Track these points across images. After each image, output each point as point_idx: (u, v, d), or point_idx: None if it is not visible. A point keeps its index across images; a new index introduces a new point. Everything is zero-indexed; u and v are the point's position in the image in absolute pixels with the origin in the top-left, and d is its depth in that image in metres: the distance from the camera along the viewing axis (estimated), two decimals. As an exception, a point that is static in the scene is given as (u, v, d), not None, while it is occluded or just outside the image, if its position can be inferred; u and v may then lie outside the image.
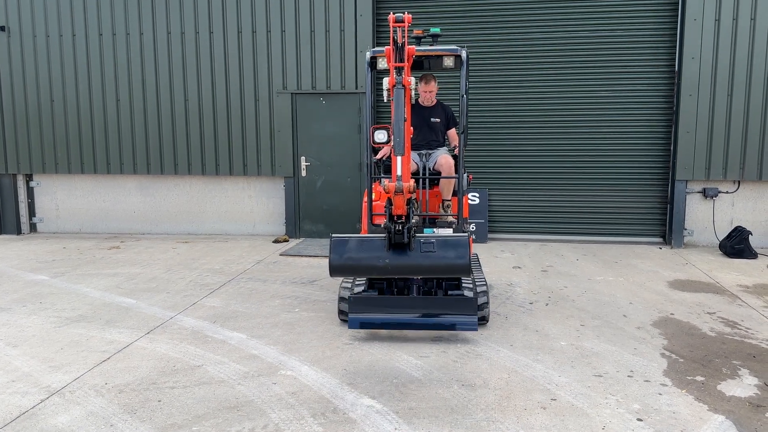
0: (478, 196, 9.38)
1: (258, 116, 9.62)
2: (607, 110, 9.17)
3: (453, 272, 4.55)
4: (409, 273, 4.55)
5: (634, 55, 9.02)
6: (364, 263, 4.41)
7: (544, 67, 9.19)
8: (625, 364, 4.56)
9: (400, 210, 4.38)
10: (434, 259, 4.40)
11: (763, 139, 8.60)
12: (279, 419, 3.71)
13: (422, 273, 4.63)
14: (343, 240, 4.50)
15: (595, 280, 7.09)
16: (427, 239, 4.39)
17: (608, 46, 9.05)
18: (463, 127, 5.58)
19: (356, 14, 9.19)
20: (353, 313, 4.93)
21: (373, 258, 4.37)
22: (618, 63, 9.07)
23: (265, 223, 10.10)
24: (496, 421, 3.69)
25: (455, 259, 4.39)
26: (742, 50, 8.51)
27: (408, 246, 4.42)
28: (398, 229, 4.35)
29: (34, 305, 6.14)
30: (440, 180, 5.89)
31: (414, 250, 4.42)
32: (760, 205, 8.95)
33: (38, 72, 10.00)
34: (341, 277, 4.75)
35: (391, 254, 4.41)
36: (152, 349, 4.90)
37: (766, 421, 3.69)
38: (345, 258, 4.39)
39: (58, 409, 3.87)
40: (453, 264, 4.43)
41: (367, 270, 4.53)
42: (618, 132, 9.19)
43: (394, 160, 4.43)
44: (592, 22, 9.03)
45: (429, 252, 4.34)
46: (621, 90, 9.11)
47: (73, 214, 10.52)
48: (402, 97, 4.46)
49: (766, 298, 6.31)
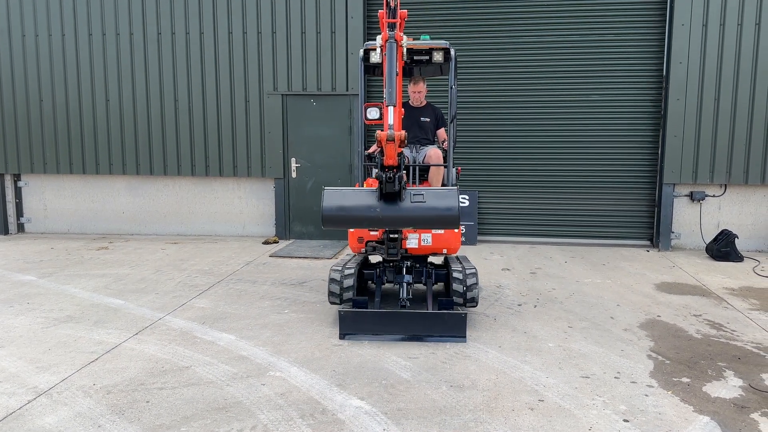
0: (467, 199, 9.42)
1: (248, 117, 9.61)
2: (595, 114, 9.24)
3: (443, 223, 4.52)
4: (401, 224, 4.51)
5: (622, 59, 9.10)
6: (357, 213, 4.35)
7: (535, 71, 9.25)
8: (612, 366, 4.60)
9: (391, 160, 4.35)
10: (424, 210, 4.36)
11: (749, 143, 8.70)
12: (268, 420, 3.72)
13: (413, 224, 4.60)
14: (336, 190, 4.45)
15: (583, 282, 7.14)
16: (418, 190, 4.36)
17: (597, 50, 9.12)
18: (452, 117, 5.75)
19: (347, 16, 9.21)
20: (343, 330, 5.07)
21: (365, 208, 4.32)
22: (607, 67, 9.14)
23: (254, 224, 10.08)
24: (484, 421, 3.71)
25: (444, 210, 4.36)
26: (728, 55, 8.60)
27: (399, 196, 4.39)
28: (389, 176, 4.32)
29: (21, 306, 6.10)
30: (429, 171, 6.04)
31: (405, 200, 4.39)
32: (746, 209, 9.04)
33: (27, 71, 9.94)
34: (334, 228, 4.73)
35: (383, 204, 4.36)
36: (141, 350, 4.88)
37: (751, 422, 3.73)
38: (337, 208, 4.33)
39: (46, 410, 3.85)
40: (443, 215, 4.39)
41: (359, 221, 4.47)
42: (607, 136, 9.26)
43: (386, 110, 4.45)
44: (581, 27, 9.09)
45: (419, 203, 4.31)
46: (610, 94, 9.18)
47: (62, 215, 10.46)
48: (394, 51, 4.61)
49: (751, 300, 6.38)
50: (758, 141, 8.68)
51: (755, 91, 8.60)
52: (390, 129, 4.32)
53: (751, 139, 8.70)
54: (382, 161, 4.40)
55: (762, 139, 8.66)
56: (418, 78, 6.34)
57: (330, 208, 4.30)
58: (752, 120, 8.66)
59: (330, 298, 5.54)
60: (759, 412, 3.86)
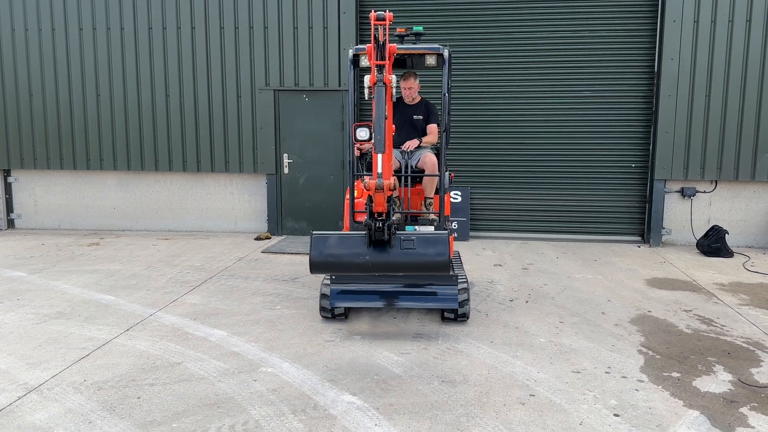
0: (460, 195, 9.43)
1: (240, 113, 9.58)
2: (587, 110, 9.26)
3: (432, 269, 4.58)
4: (389, 270, 4.58)
5: (614, 55, 9.12)
6: (345, 260, 4.43)
7: (526, 67, 9.25)
8: (603, 361, 4.62)
9: (380, 207, 4.39)
10: (414, 256, 4.42)
11: (739, 140, 8.74)
12: (259, 416, 3.71)
13: (402, 270, 4.66)
14: (324, 237, 4.51)
15: (575, 277, 7.17)
16: (408, 236, 4.40)
17: (589, 46, 9.13)
18: (445, 126, 5.60)
19: (339, 11, 9.18)
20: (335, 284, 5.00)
21: (353, 255, 4.38)
22: (598, 64, 9.15)
23: (247, 220, 10.06)
24: (475, 416, 3.72)
25: (435, 256, 4.41)
26: (720, 52, 8.64)
27: (388, 243, 4.43)
28: (378, 226, 4.36)
29: (11, 302, 6.06)
30: (423, 178, 5.91)
31: (394, 247, 4.44)
32: (737, 205, 9.09)
33: (17, 66, 9.86)
34: (322, 274, 4.74)
35: (372, 251, 4.43)
36: (132, 346, 4.86)
37: (740, 416, 3.76)
38: (325, 255, 4.40)
39: (36, 407, 3.84)
40: (432, 261, 4.45)
41: (347, 267, 4.54)
42: (598, 132, 9.28)
43: (375, 158, 4.42)
44: (572, 22, 9.10)
45: (409, 249, 4.36)
46: (601, 90, 9.20)
47: (52, 211, 10.40)
48: (383, 95, 4.45)
49: (741, 296, 6.43)
50: (748, 137, 8.72)
51: (746, 88, 8.64)
52: (379, 178, 4.27)
53: (741, 136, 8.74)
54: (371, 207, 4.36)
55: (752, 136, 8.71)
56: (409, 74, 6.04)
57: (318, 254, 4.32)
58: (743, 116, 8.71)
59: (322, 313, 5.40)
60: (748, 407, 3.89)
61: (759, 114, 8.65)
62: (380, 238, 4.40)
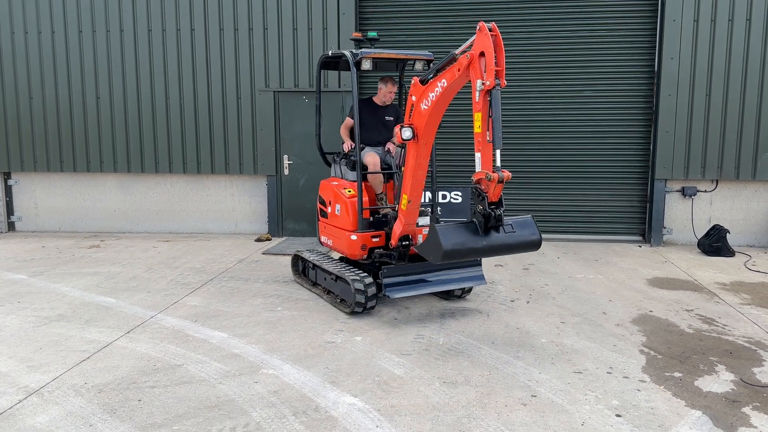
0: (460, 195, 9.41)
1: (240, 114, 9.57)
2: (587, 110, 9.25)
3: (531, 247, 4.98)
4: (500, 252, 4.96)
5: (614, 55, 9.11)
6: (468, 246, 4.77)
7: (526, 66, 9.23)
8: (605, 361, 4.61)
9: (496, 198, 4.70)
10: (516, 237, 4.83)
11: (740, 139, 8.73)
12: (260, 418, 3.71)
13: (508, 251, 5.04)
14: (448, 228, 4.85)
15: (576, 278, 7.16)
16: (507, 222, 4.83)
17: (589, 46, 9.12)
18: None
19: (339, 12, 9.17)
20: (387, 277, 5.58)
21: (474, 240, 4.74)
22: (598, 63, 9.14)
23: (247, 221, 10.05)
24: (477, 417, 3.71)
25: (530, 236, 4.90)
26: (720, 51, 8.63)
27: (496, 229, 4.81)
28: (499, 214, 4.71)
29: (12, 304, 6.06)
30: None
31: (500, 232, 4.84)
32: (738, 204, 9.08)
33: (17, 69, 9.85)
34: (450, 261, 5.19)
35: (487, 237, 4.79)
36: (132, 349, 4.86)
37: (742, 416, 3.75)
38: (453, 243, 4.72)
39: (37, 409, 3.83)
40: (530, 240, 4.90)
41: (469, 252, 4.88)
42: (598, 132, 9.27)
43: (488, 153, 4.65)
44: (572, 22, 9.09)
45: (512, 232, 4.81)
46: (601, 90, 9.19)
47: (53, 213, 10.39)
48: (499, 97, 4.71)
49: (742, 295, 6.42)
50: (749, 136, 8.71)
51: (746, 87, 8.63)
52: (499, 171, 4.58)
53: (742, 135, 8.73)
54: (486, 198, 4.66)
55: (753, 135, 8.70)
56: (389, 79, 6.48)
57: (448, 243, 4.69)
58: (743, 115, 8.69)
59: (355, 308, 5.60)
60: (750, 406, 3.88)
61: (759, 113, 8.64)
62: (494, 225, 4.75)
